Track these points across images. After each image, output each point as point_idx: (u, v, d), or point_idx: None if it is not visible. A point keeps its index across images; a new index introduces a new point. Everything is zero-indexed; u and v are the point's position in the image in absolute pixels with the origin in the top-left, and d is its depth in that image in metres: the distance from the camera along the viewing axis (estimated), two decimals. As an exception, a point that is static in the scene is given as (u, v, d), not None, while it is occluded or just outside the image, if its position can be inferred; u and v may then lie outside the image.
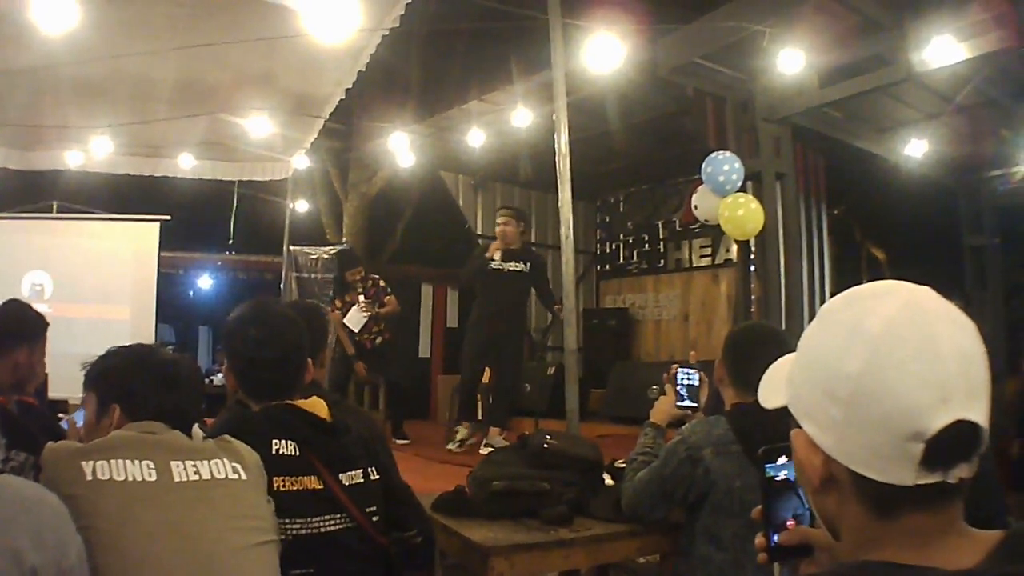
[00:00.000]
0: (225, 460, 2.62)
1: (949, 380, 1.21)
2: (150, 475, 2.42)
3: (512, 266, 9.20)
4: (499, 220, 9.37)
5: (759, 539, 1.63)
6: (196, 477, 2.51)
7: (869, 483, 1.26)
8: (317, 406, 3.12)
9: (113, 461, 2.40)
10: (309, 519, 2.92)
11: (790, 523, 1.62)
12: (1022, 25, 6.89)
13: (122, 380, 2.71)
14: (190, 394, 2.78)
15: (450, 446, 9.18)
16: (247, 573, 2.49)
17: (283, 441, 2.96)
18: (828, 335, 1.34)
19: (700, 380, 4.38)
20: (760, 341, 3.75)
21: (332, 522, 2.97)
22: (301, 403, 3.10)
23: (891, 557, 1.25)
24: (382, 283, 10.44)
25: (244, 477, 2.62)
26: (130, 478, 2.39)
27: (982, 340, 1.28)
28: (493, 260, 9.14)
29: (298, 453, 2.97)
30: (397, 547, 3.17)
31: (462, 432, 9.33)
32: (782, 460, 1.64)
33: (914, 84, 8.55)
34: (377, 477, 3.19)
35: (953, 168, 11.49)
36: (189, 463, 2.53)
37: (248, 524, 2.56)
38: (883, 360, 1.23)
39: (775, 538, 1.62)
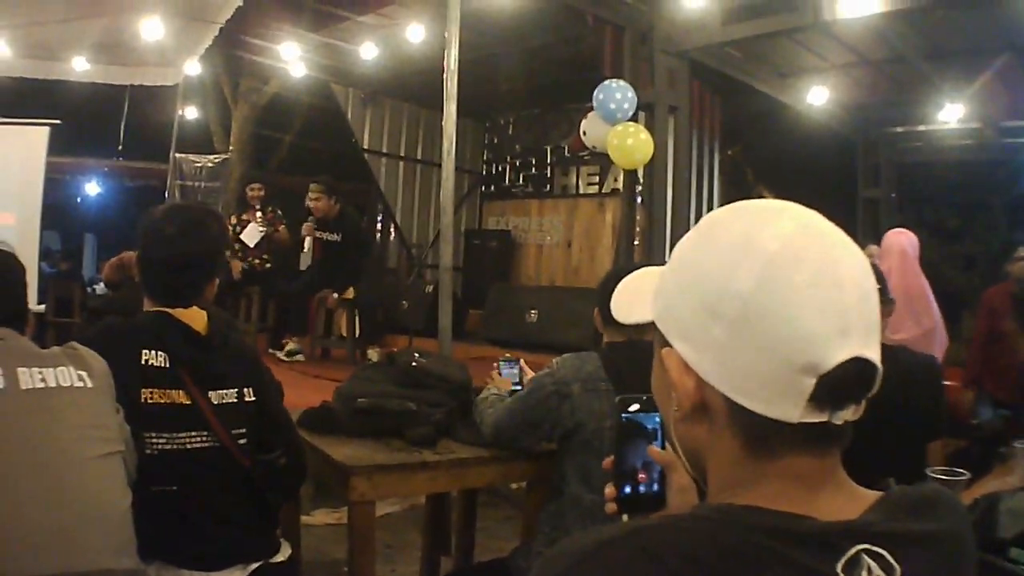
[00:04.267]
0: (71, 368, 2.50)
1: (849, 311, 1.11)
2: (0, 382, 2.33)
3: (328, 236, 9.76)
4: (311, 196, 9.79)
5: (608, 489, 1.54)
6: (43, 385, 2.41)
7: (747, 415, 1.14)
8: (195, 317, 3.01)
9: None
10: (174, 435, 2.84)
11: (642, 475, 1.54)
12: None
13: None
14: (11, 292, 2.66)
15: (279, 354, 9.62)
16: (91, 484, 2.40)
17: (153, 352, 2.86)
18: (713, 248, 1.20)
19: (521, 370, 4.37)
20: None
21: (198, 439, 2.89)
22: (178, 312, 2.98)
23: (759, 501, 1.13)
24: (279, 211, 10.45)
25: (90, 385, 2.51)
26: None
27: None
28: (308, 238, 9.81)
29: (168, 365, 2.87)
30: (260, 469, 3.08)
31: (291, 345, 9.74)
32: (635, 407, 1.57)
33: (820, 32, 8.56)
34: (253, 399, 3.08)
35: (854, 120, 11.62)
36: (36, 370, 2.42)
37: (93, 434, 2.46)
38: (779, 280, 1.11)
39: (626, 489, 1.53)
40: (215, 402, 2.94)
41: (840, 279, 1.12)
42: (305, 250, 10.13)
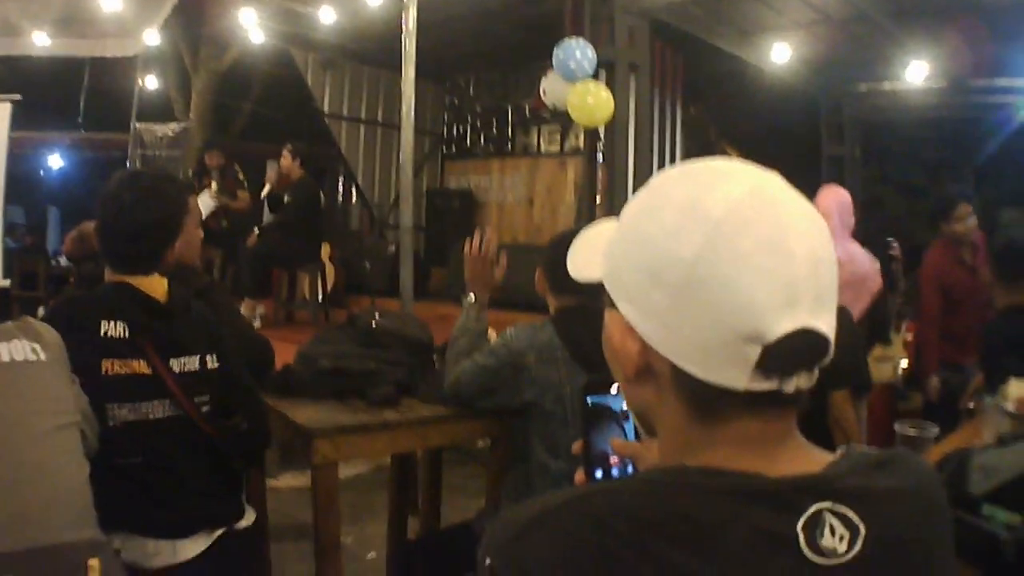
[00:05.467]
0: (24, 341, 2.50)
1: (797, 281, 1.08)
2: None
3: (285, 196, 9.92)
4: (283, 154, 9.99)
5: (579, 475, 1.53)
6: None
7: (692, 381, 1.12)
8: (154, 285, 3.01)
9: None
10: (136, 404, 2.84)
11: (613, 459, 1.53)
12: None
13: None
14: None
15: None
16: (47, 457, 2.40)
17: (112, 323, 2.85)
18: (659, 210, 1.16)
19: None
20: None
21: (160, 409, 2.90)
22: (138, 281, 2.98)
23: (713, 461, 1.12)
24: (240, 176, 10.41)
25: (43, 358, 2.51)
26: None
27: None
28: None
29: (127, 335, 2.86)
30: (222, 435, 3.08)
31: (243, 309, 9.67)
32: (605, 394, 1.56)
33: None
34: (216, 365, 3.09)
35: (817, 78, 11.60)
36: None
37: (48, 407, 2.46)
38: (723, 247, 1.08)
39: (597, 474, 1.50)
40: (176, 370, 2.93)
41: (790, 247, 1.09)
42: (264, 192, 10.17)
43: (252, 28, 11.14)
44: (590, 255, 1.34)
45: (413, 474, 5.23)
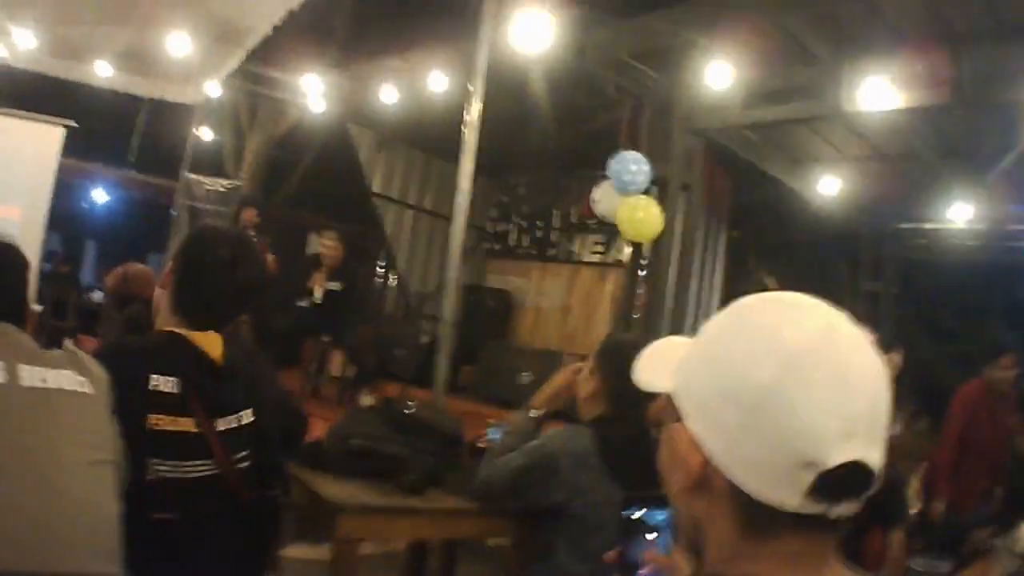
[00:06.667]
0: (72, 371, 2.52)
1: (856, 415, 1.15)
2: (1, 377, 2.34)
3: (331, 285, 10.33)
4: (327, 243, 10.42)
5: None
6: (43, 384, 2.42)
7: (746, 497, 1.18)
8: (210, 341, 2.97)
9: None
10: (179, 463, 2.80)
11: (643, 571, 1.56)
12: (958, 83, 6.93)
13: None
14: (10, 285, 2.68)
15: None
16: (81, 487, 2.39)
17: (163, 377, 2.80)
18: (740, 336, 1.24)
19: None
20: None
21: (202, 468, 2.85)
22: (194, 336, 2.95)
23: (756, 574, 1.18)
24: (268, 244, 10.51)
25: (89, 392, 2.52)
26: None
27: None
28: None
29: (177, 391, 2.81)
30: (259, 505, 3.06)
31: None
32: (641, 508, 1.59)
33: (838, 122, 8.62)
34: (252, 420, 3.04)
35: (862, 212, 11.63)
36: (37, 368, 2.44)
37: (86, 439, 2.47)
38: (796, 378, 1.15)
39: None
40: (220, 428, 2.91)
41: (853, 383, 1.16)
42: (316, 297, 10.24)
43: (313, 96, 11.25)
44: (660, 368, 1.40)
45: (425, 563, 5.22)
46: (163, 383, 2.80)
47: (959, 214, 10.08)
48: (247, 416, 3.03)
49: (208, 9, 8.32)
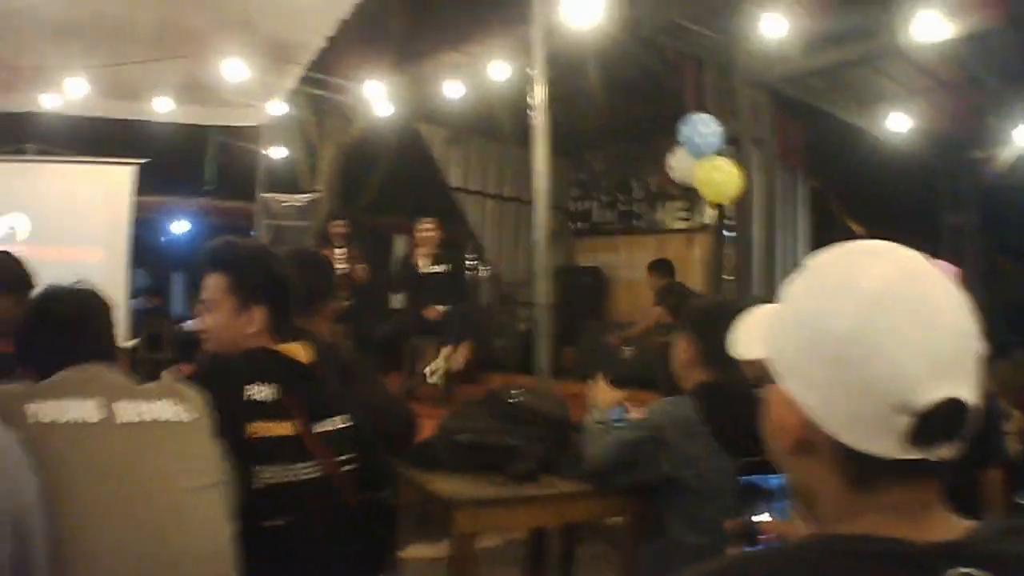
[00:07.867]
0: (168, 401, 2.58)
1: (943, 353, 1.15)
2: (94, 416, 2.40)
3: (435, 267, 10.14)
4: (425, 229, 10.21)
5: (732, 551, 1.59)
6: (139, 419, 2.48)
7: (847, 451, 1.19)
8: (297, 351, 3.07)
9: (56, 402, 2.37)
10: (284, 467, 2.87)
11: (763, 537, 1.59)
12: (1010, 6, 6.84)
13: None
14: (95, 330, 2.75)
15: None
16: (189, 516, 2.45)
17: (259, 385, 2.90)
18: (816, 290, 1.27)
19: (624, 411, 4.20)
20: (734, 319, 3.66)
21: (307, 471, 2.92)
22: (280, 347, 3.06)
23: (865, 529, 1.18)
24: (359, 252, 10.55)
25: (186, 419, 2.59)
26: (73, 419, 2.36)
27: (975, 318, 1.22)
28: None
29: (275, 398, 2.91)
30: (368, 508, 3.13)
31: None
32: (757, 474, 1.62)
33: (898, 58, 8.52)
34: (349, 424, 3.12)
35: (935, 146, 11.47)
36: (132, 404, 2.50)
37: (192, 466, 2.53)
38: (876, 322, 1.17)
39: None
40: (318, 430, 2.99)
41: (935, 322, 1.17)
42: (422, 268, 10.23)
43: (378, 101, 11.33)
44: (752, 335, 1.45)
45: (547, 550, 5.24)
46: (258, 392, 2.90)
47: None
48: (342, 420, 3.10)
49: (257, 32, 8.38)
